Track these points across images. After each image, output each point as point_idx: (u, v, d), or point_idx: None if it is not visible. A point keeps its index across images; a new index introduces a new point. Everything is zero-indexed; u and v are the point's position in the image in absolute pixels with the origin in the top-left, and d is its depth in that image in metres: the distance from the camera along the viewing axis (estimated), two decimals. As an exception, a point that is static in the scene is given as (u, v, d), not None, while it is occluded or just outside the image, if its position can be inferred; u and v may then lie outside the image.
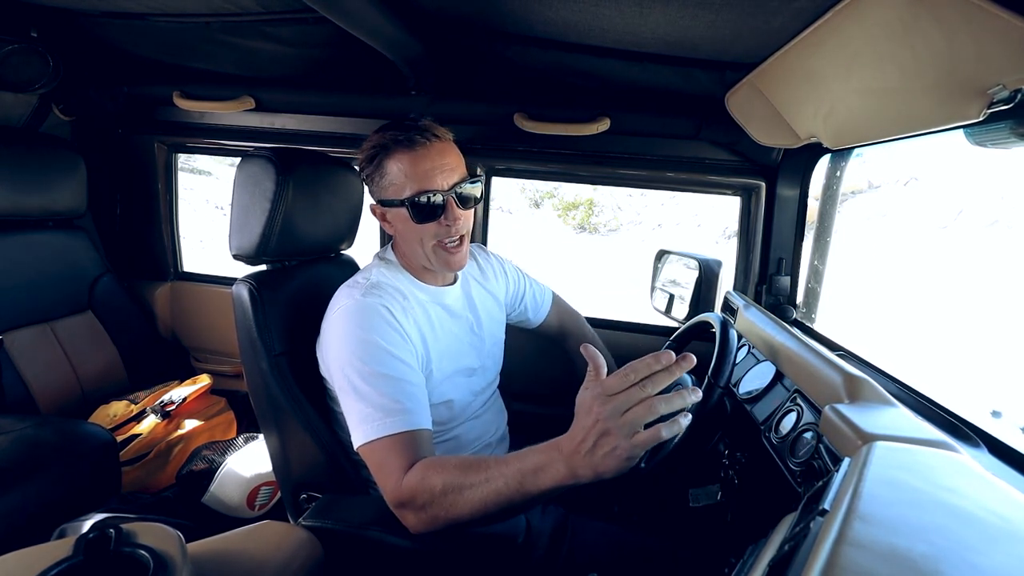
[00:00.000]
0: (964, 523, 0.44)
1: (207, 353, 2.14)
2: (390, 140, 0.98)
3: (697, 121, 1.46)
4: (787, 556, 0.47)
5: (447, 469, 0.81)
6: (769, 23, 0.87)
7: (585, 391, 0.72)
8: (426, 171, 0.97)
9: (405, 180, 0.98)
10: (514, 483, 0.75)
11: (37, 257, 1.69)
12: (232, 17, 1.24)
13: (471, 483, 0.78)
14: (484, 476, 0.77)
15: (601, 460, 0.68)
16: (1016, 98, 0.62)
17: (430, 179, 0.97)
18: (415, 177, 0.97)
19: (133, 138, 1.97)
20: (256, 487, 1.54)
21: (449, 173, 0.99)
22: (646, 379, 0.67)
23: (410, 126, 0.98)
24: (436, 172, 0.98)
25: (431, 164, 0.98)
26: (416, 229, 1.01)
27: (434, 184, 0.98)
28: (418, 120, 1.00)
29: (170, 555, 0.56)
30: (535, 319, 1.45)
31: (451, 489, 0.79)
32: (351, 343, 0.94)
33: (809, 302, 1.57)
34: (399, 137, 0.97)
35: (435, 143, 0.99)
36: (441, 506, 0.80)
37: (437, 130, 1.00)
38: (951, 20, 0.61)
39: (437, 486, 0.80)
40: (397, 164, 0.98)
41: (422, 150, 0.98)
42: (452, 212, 1.00)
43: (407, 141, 0.97)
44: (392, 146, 0.98)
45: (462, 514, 0.79)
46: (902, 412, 0.74)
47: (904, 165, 10.33)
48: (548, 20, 1.04)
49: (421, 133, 0.97)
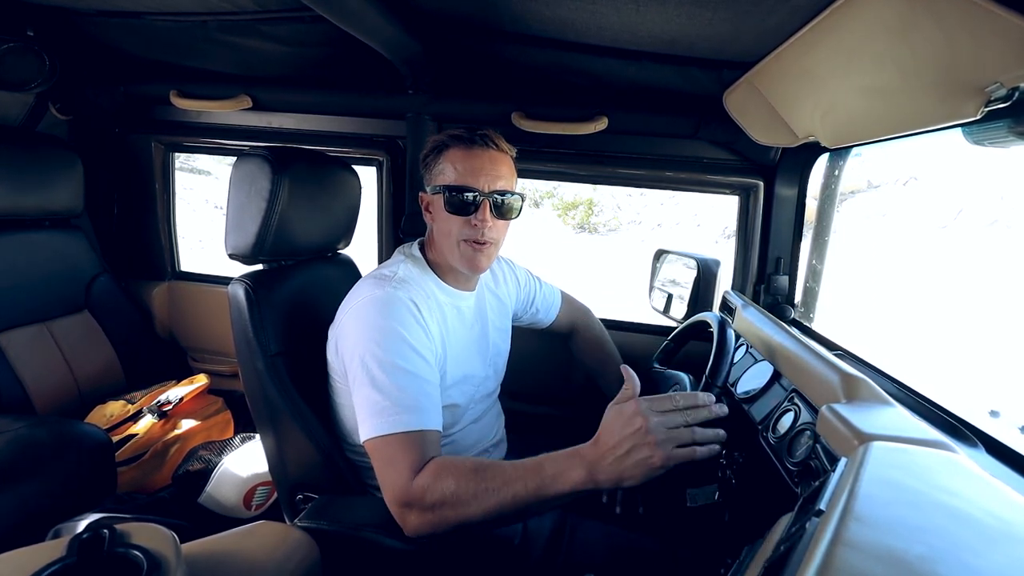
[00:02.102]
0: (961, 524, 0.44)
1: (204, 353, 2.14)
2: (454, 137, 1.04)
3: (695, 120, 1.46)
4: (783, 557, 0.47)
5: (462, 472, 0.82)
6: (766, 22, 0.87)
7: (624, 404, 0.78)
8: (472, 168, 1.02)
9: (452, 172, 1.03)
10: (532, 487, 0.78)
11: (34, 257, 1.68)
12: (229, 16, 1.24)
13: (487, 488, 0.79)
14: (500, 481, 0.79)
15: (631, 466, 0.74)
16: (1014, 96, 0.62)
17: (473, 177, 1.02)
18: (461, 171, 1.02)
19: (130, 137, 1.96)
20: (253, 487, 1.54)
21: (494, 179, 1.03)
22: (689, 409, 0.77)
23: (474, 130, 1.04)
24: (481, 173, 1.02)
25: (479, 164, 1.02)
26: (448, 220, 1.04)
27: (476, 183, 1.01)
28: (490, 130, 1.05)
29: (164, 555, 0.55)
30: (546, 320, 1.48)
31: (465, 492, 0.80)
32: (375, 333, 0.94)
33: (807, 301, 1.56)
34: (463, 136, 1.04)
35: (491, 151, 1.04)
36: (452, 507, 0.80)
37: (499, 141, 1.05)
38: (948, 18, 0.61)
39: (450, 488, 0.80)
40: (451, 158, 1.04)
41: (477, 151, 1.03)
42: (484, 213, 1.02)
43: (467, 140, 1.03)
44: (453, 142, 1.04)
45: (473, 517, 0.80)
46: (899, 412, 0.73)
47: (904, 165, 10.34)
48: (545, 19, 1.04)
49: (482, 138, 1.03)
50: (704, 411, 0.78)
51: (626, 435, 0.74)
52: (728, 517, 1.06)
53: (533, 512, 0.80)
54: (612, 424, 0.77)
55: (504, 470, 0.81)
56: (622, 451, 0.74)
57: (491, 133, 1.04)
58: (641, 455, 0.73)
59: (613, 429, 0.76)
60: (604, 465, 0.75)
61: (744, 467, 1.03)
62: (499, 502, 0.79)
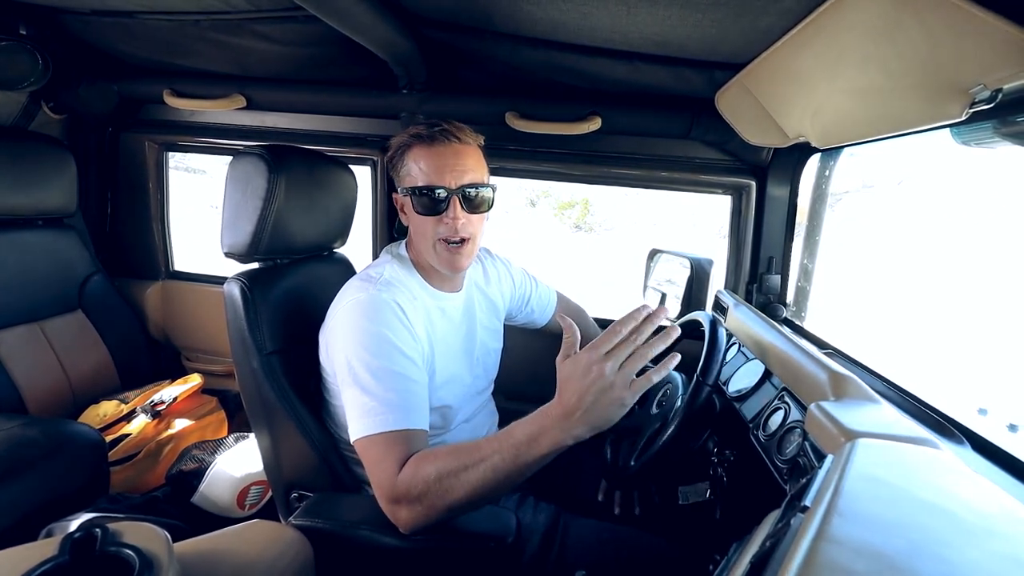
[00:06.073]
0: (941, 519, 0.45)
1: (198, 352, 2.13)
2: (414, 136, 1.03)
3: (688, 120, 1.47)
4: (768, 552, 0.47)
5: (440, 456, 0.84)
6: (755, 24, 0.88)
7: (570, 357, 0.80)
8: (437, 167, 1.01)
9: (417, 171, 1.02)
10: (510, 456, 0.80)
11: (26, 256, 1.67)
12: (222, 15, 1.24)
13: (465, 464, 0.81)
14: (478, 456, 0.81)
15: (602, 412, 0.76)
16: (997, 98, 0.63)
17: (439, 175, 1.00)
18: (425, 171, 1.01)
19: (124, 136, 1.96)
20: (246, 487, 1.54)
21: (460, 174, 1.01)
22: (632, 332, 0.78)
23: (434, 124, 1.03)
24: (446, 170, 1.01)
25: (443, 161, 1.01)
26: (421, 222, 1.04)
27: (442, 181, 1.00)
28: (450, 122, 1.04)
29: (156, 555, 0.56)
30: (541, 320, 1.48)
31: (446, 474, 0.81)
32: (361, 335, 0.94)
33: (799, 300, 1.58)
34: (422, 133, 1.02)
35: (453, 144, 1.02)
36: (436, 493, 0.81)
37: (460, 133, 1.03)
38: (932, 21, 0.62)
39: (431, 474, 0.82)
40: (414, 157, 1.03)
41: (439, 147, 1.02)
42: (454, 210, 1.01)
43: (428, 137, 1.02)
44: (414, 141, 1.03)
45: (459, 498, 0.81)
46: (886, 409, 0.74)
47: (897, 166, 10.39)
48: (536, 19, 1.05)
49: (442, 132, 1.02)
50: (647, 324, 0.79)
51: (586, 386, 0.76)
52: (719, 514, 1.07)
53: (516, 480, 0.81)
54: (569, 379, 0.78)
55: (479, 445, 0.83)
56: (588, 402, 0.76)
57: (453, 125, 1.03)
58: (607, 399, 0.76)
59: (572, 384, 0.78)
60: (575, 419, 0.77)
61: (735, 465, 1.05)
62: (480, 477, 0.80)
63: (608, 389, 0.75)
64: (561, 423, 0.78)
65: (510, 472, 0.80)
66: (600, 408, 0.76)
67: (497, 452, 0.80)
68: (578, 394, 0.77)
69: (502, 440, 0.81)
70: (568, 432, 0.77)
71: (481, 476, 0.80)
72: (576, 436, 0.78)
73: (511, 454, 0.80)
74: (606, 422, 0.77)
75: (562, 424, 0.78)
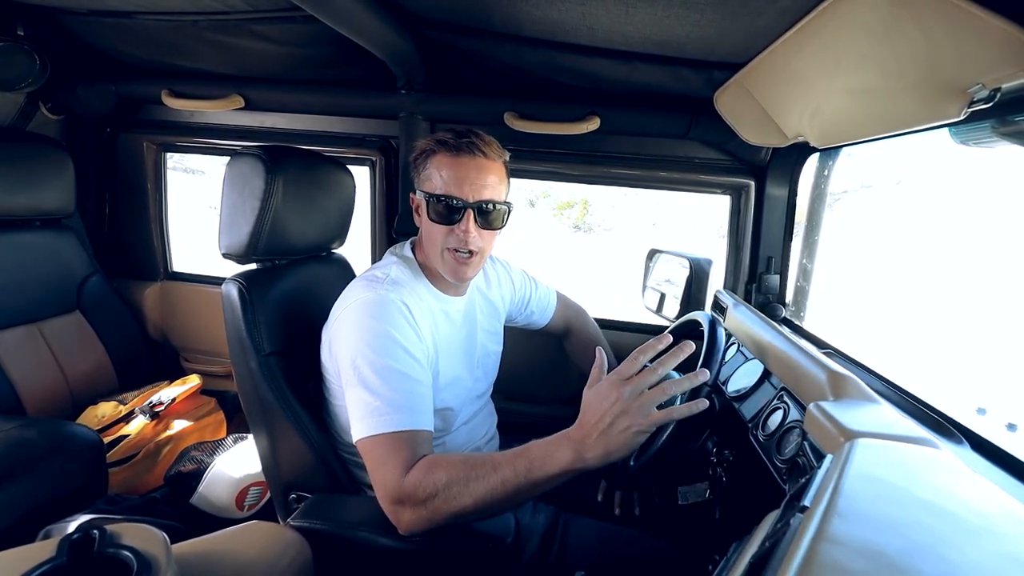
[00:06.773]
0: (941, 518, 0.45)
1: (197, 353, 2.13)
2: (441, 142, 1.03)
3: (687, 120, 1.47)
4: (767, 552, 0.47)
5: (452, 464, 0.84)
6: (753, 24, 0.88)
7: (594, 385, 0.81)
8: (458, 177, 1.00)
9: (438, 179, 1.02)
10: (522, 471, 0.80)
11: (24, 257, 1.67)
12: (220, 15, 1.24)
13: (476, 475, 0.81)
14: (490, 467, 0.81)
15: (615, 439, 0.76)
16: (995, 97, 0.63)
17: (458, 186, 1.00)
18: (446, 179, 1.01)
19: (122, 137, 1.95)
20: (245, 488, 1.53)
21: (479, 188, 1.01)
22: (655, 362, 0.79)
23: (463, 134, 1.02)
24: (466, 182, 1.00)
25: (464, 173, 1.01)
26: (434, 228, 1.04)
27: (460, 192, 1.00)
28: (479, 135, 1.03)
29: (154, 556, 0.56)
30: (541, 321, 1.48)
31: (456, 481, 0.81)
32: (367, 335, 0.94)
33: (798, 300, 1.58)
34: (449, 141, 1.02)
35: (478, 158, 1.02)
36: (443, 499, 0.81)
37: (487, 147, 1.02)
38: (930, 20, 0.62)
39: (441, 480, 0.82)
40: (437, 164, 1.03)
41: (463, 158, 1.01)
42: (467, 223, 1.01)
43: (454, 147, 1.01)
44: (439, 148, 1.03)
45: (465, 506, 0.81)
46: (885, 409, 0.74)
47: (895, 166, 10.40)
48: (535, 19, 1.05)
49: (469, 144, 1.01)
50: (670, 357, 0.78)
51: (604, 410, 0.77)
52: (719, 514, 1.07)
53: (524, 496, 0.81)
54: (590, 403, 0.80)
55: (493, 457, 0.83)
56: (604, 426, 0.76)
57: (480, 139, 1.02)
58: (623, 425, 0.76)
59: (592, 408, 0.79)
60: (590, 443, 0.77)
61: (734, 465, 1.04)
62: (490, 488, 0.80)
63: (624, 415, 0.76)
64: (576, 444, 0.78)
65: (520, 487, 0.80)
66: (615, 432, 0.76)
67: (510, 465, 0.81)
68: (596, 416, 0.77)
69: (517, 454, 0.82)
70: (581, 454, 0.78)
71: (490, 488, 0.80)
72: (587, 460, 0.78)
73: (523, 469, 0.80)
74: (621, 448, 0.77)
75: (577, 446, 0.78)
